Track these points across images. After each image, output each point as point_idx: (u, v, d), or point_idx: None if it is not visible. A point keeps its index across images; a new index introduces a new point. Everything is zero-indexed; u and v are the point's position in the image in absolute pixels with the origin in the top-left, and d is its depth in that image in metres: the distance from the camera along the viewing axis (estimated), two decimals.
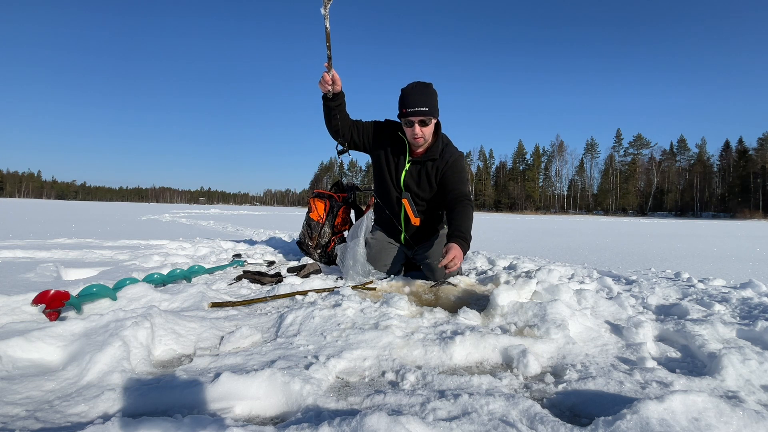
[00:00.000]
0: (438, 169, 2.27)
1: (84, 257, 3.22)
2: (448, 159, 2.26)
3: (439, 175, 2.28)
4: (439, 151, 2.25)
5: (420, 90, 2.11)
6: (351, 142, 2.35)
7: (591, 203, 69.93)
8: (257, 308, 1.76)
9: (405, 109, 2.09)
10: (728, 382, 1.07)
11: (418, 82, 2.15)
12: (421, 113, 2.08)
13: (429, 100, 2.11)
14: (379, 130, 2.37)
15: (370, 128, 2.37)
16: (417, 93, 2.09)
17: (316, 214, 3.10)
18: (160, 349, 1.24)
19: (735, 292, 2.22)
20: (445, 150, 2.28)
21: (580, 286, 2.24)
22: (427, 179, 2.29)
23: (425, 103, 2.08)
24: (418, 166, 2.28)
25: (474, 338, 1.29)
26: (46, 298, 1.43)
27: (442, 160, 2.26)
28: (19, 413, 0.85)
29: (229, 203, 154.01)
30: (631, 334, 1.43)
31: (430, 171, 2.28)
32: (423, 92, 2.10)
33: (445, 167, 2.26)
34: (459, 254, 1.88)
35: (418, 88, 2.12)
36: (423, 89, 2.11)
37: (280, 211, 33.18)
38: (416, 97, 2.08)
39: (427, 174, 2.28)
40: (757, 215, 45.45)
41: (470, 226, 2.08)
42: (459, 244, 1.92)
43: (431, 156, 2.24)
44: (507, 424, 0.82)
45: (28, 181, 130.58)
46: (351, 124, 2.33)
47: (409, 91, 2.11)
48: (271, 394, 0.96)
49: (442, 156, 2.26)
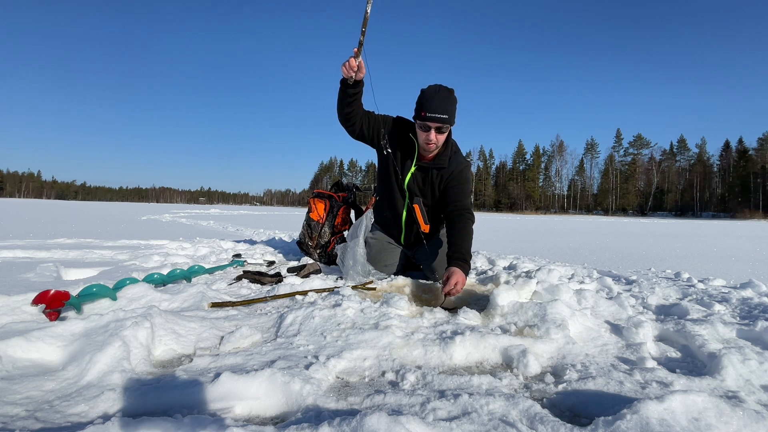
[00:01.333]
0: (443, 178, 2.23)
1: (84, 257, 3.22)
2: (454, 169, 2.23)
3: (443, 185, 2.24)
4: (447, 160, 2.21)
5: (443, 96, 2.03)
6: (359, 133, 2.28)
7: (591, 203, 69.94)
8: (257, 308, 1.76)
9: (424, 113, 2.02)
10: (728, 382, 1.07)
11: (441, 87, 2.08)
12: (440, 120, 2.02)
13: (450, 107, 2.05)
14: (390, 126, 2.30)
15: (380, 123, 2.29)
16: (440, 99, 2.02)
17: (316, 214, 3.10)
18: (160, 349, 1.24)
19: (735, 292, 2.22)
20: (453, 159, 2.23)
21: (580, 286, 2.24)
22: (430, 186, 2.25)
23: (446, 111, 2.03)
24: (423, 173, 2.24)
25: (474, 338, 1.29)
26: (46, 298, 1.43)
27: (448, 170, 2.22)
28: (19, 413, 0.85)
29: (229, 203, 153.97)
30: (631, 334, 1.43)
31: (435, 179, 2.24)
32: (446, 99, 2.03)
33: (449, 177, 2.22)
34: (462, 279, 1.83)
35: (442, 93, 2.04)
36: (446, 95, 2.04)
37: (280, 211, 33.19)
38: (438, 103, 2.01)
39: (431, 181, 2.24)
40: (757, 215, 45.47)
41: (470, 245, 2.06)
42: (460, 267, 1.87)
43: (439, 164, 2.20)
44: (507, 424, 0.82)
45: (28, 181, 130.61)
46: (363, 113, 2.25)
47: (431, 94, 2.03)
48: (271, 394, 0.96)
49: (449, 165, 2.22)
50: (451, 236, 2.10)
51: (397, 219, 2.39)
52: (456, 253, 1.96)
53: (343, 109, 2.18)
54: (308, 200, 3.22)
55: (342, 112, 2.20)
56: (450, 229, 2.15)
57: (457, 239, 2.04)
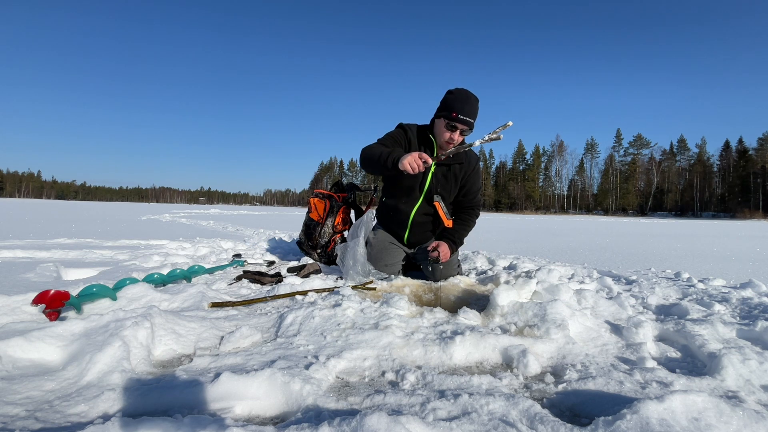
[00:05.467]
0: (465, 172, 2.36)
1: (84, 257, 3.22)
2: (474, 164, 2.38)
3: (464, 179, 2.37)
4: (465, 155, 2.31)
5: (473, 102, 2.16)
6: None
7: (591, 203, 69.89)
8: (257, 308, 1.76)
9: (456, 114, 2.11)
10: (728, 382, 1.07)
11: (469, 92, 2.18)
12: (468, 124, 2.14)
13: (476, 113, 2.18)
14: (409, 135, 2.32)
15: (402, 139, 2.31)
16: (471, 104, 2.14)
17: (316, 214, 3.10)
18: (160, 349, 1.24)
19: (735, 292, 2.21)
20: (468, 153, 2.35)
21: (580, 286, 2.24)
22: (454, 180, 2.35)
23: (473, 116, 2.16)
24: (444, 168, 2.32)
25: (474, 338, 1.29)
26: (46, 298, 1.43)
27: (468, 165, 2.35)
28: (19, 413, 0.85)
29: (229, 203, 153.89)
30: (631, 334, 1.43)
31: (458, 173, 2.34)
32: (475, 105, 2.16)
33: (471, 172, 2.37)
34: (446, 250, 2.12)
35: (472, 99, 2.16)
36: (475, 102, 2.17)
37: (280, 211, 33.18)
38: (470, 107, 2.13)
39: (454, 176, 2.34)
40: (757, 215, 45.43)
41: (466, 234, 2.33)
42: (448, 243, 2.17)
43: (458, 159, 2.30)
44: (507, 424, 0.82)
45: (28, 181, 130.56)
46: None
47: (463, 98, 2.14)
48: (271, 394, 0.96)
49: (468, 160, 2.34)
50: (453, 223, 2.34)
51: (405, 217, 2.41)
52: (449, 234, 2.26)
53: (373, 172, 2.22)
54: (308, 200, 3.22)
55: (370, 172, 2.25)
56: (455, 219, 2.39)
57: (457, 226, 2.34)
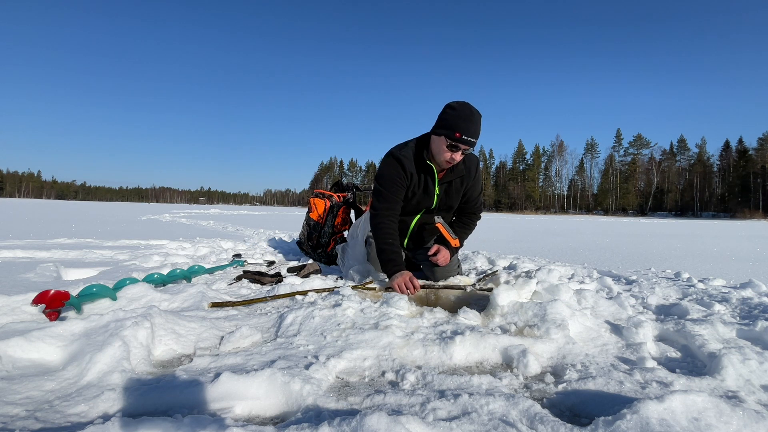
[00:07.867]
0: (467, 183, 2.25)
1: (84, 257, 3.22)
2: (473, 173, 2.25)
3: (466, 188, 2.27)
4: (463, 164, 2.16)
5: (477, 119, 1.96)
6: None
7: (591, 203, 69.85)
8: (257, 308, 1.76)
9: (459, 134, 1.92)
10: (728, 382, 1.07)
11: (472, 108, 1.98)
12: (471, 144, 1.96)
13: (479, 132, 1.99)
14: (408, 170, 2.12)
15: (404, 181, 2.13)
16: (475, 122, 1.95)
17: (316, 214, 3.10)
18: (160, 349, 1.24)
19: (735, 292, 2.21)
20: (467, 160, 2.19)
21: (580, 286, 2.24)
22: (456, 194, 2.26)
23: (477, 135, 1.97)
24: (446, 185, 2.22)
25: (474, 338, 1.29)
26: (46, 298, 1.43)
27: (469, 175, 2.23)
28: (19, 413, 0.85)
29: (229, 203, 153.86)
30: (631, 334, 1.43)
31: (459, 186, 2.25)
32: (478, 122, 1.97)
33: (472, 181, 2.27)
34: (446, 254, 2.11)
35: (476, 116, 1.96)
36: (479, 119, 1.98)
37: (280, 211, 33.17)
38: (474, 126, 1.94)
39: (456, 190, 2.25)
40: (757, 215, 45.39)
41: (465, 237, 2.32)
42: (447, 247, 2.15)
43: (458, 174, 2.18)
44: (507, 424, 0.82)
45: (28, 181, 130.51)
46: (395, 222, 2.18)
47: (467, 116, 1.93)
48: (271, 394, 0.96)
49: (468, 171, 2.21)
50: (453, 225, 2.32)
51: (405, 226, 2.37)
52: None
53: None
54: (308, 200, 3.22)
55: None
56: (456, 221, 2.38)
57: (458, 228, 2.31)
